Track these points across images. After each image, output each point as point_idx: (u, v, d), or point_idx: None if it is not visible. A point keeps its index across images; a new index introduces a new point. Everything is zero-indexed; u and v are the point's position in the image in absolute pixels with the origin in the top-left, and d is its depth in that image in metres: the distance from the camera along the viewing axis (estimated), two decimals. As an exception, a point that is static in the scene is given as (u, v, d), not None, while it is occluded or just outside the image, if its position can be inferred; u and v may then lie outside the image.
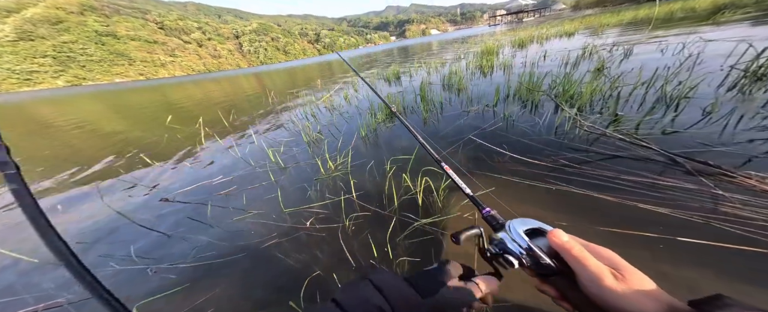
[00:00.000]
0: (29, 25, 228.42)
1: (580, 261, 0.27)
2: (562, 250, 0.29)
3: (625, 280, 0.25)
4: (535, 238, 0.32)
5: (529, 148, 1.64)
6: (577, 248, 0.28)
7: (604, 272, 0.26)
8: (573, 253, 0.28)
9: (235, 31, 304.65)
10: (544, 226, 0.33)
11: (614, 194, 1.14)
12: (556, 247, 0.29)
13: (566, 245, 0.29)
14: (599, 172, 1.30)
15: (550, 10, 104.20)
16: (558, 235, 0.30)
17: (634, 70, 2.82)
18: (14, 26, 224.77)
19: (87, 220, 1.70)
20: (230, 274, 1.15)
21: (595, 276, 0.26)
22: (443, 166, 0.56)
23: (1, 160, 0.33)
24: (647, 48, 4.03)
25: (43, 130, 5.91)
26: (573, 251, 0.28)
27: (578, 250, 0.28)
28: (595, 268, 0.26)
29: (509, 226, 0.33)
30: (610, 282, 0.25)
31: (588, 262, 0.27)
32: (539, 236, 0.32)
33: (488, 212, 0.39)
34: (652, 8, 12.23)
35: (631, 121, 1.75)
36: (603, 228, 1.01)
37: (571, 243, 0.29)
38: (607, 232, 0.99)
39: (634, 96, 2.17)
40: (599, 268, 0.26)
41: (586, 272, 0.26)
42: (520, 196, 1.25)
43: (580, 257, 0.27)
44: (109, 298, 0.29)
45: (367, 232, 1.24)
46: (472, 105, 2.73)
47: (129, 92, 19.91)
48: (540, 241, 0.31)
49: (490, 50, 5.87)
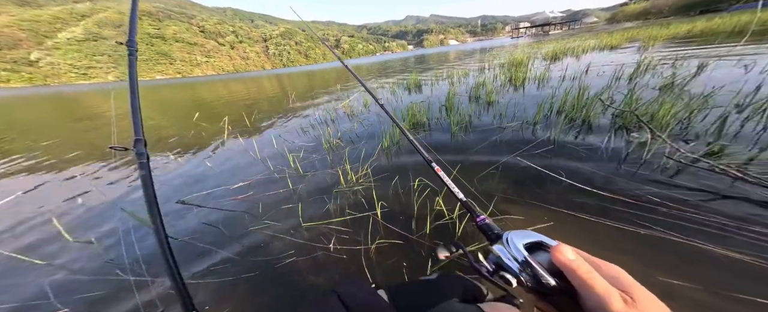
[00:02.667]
0: (96, 27, 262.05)
1: (587, 283, 0.25)
2: (568, 269, 0.26)
3: (635, 305, 0.23)
4: (536, 252, 0.29)
5: (592, 176, 1.39)
6: (585, 268, 0.26)
7: (613, 295, 0.24)
8: (579, 273, 0.25)
9: (264, 35, 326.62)
10: (546, 240, 0.30)
11: (740, 250, 0.88)
12: (560, 265, 0.27)
13: (573, 264, 0.26)
14: (707, 217, 1.03)
15: (581, 23, 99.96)
16: (564, 252, 0.27)
17: (716, 88, 2.37)
18: (84, 28, 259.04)
19: (95, 217, 1.70)
20: (242, 294, 1.03)
21: (604, 300, 0.24)
22: (434, 167, 0.53)
23: (139, 151, 0.47)
24: (724, 63, 3.52)
25: (92, 118, 6.48)
26: (579, 271, 0.25)
27: (586, 270, 0.25)
28: (603, 290, 0.24)
29: (507, 239, 0.30)
30: (618, 306, 0.23)
31: (596, 283, 0.24)
32: (540, 251, 0.29)
33: (483, 220, 0.36)
34: (710, 21, 11.08)
35: (736, 153, 1.39)
36: (735, 294, 0.76)
37: (578, 262, 0.26)
38: (743, 300, 0.74)
39: (725, 120, 1.76)
40: (607, 291, 0.24)
41: (594, 295, 0.24)
42: (592, 238, 1.02)
43: (588, 279, 0.25)
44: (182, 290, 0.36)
45: (394, 259, 1.08)
46: (507, 120, 2.49)
47: (167, 88, 21.69)
48: (541, 256, 0.28)
49: (519, 62, 5.58)
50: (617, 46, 7.49)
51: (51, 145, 3.96)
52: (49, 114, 8.76)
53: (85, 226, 1.62)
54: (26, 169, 2.92)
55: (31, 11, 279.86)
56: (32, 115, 8.60)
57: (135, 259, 1.21)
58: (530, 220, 1.14)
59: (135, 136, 0.51)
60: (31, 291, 1.15)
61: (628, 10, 60.14)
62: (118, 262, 1.24)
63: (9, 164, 3.15)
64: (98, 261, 1.29)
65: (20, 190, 2.32)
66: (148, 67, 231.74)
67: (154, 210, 0.42)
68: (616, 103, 2.28)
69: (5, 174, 2.82)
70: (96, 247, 1.39)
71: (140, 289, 1.06)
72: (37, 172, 2.76)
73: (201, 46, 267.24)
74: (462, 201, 0.43)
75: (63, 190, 2.24)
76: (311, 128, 3.26)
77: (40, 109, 11.04)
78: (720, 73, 3.08)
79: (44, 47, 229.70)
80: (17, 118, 8.28)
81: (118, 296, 1.06)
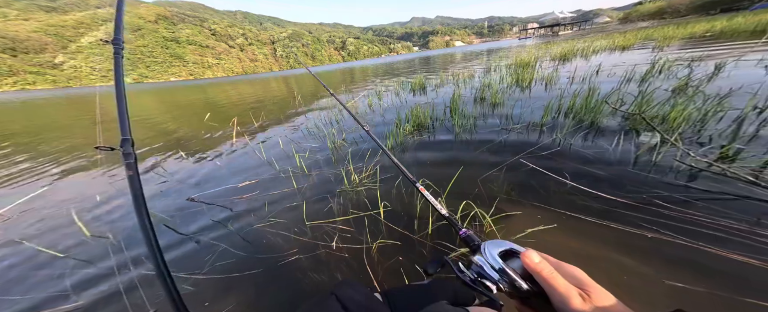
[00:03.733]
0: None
1: (549, 282, 0.27)
2: (534, 272, 0.29)
3: (591, 300, 0.26)
4: (510, 259, 0.32)
5: (598, 179, 1.36)
6: (547, 270, 0.28)
7: (572, 293, 0.26)
8: (543, 275, 0.28)
9: (272, 38, 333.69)
10: (516, 248, 0.32)
11: (749, 254, 0.85)
12: (528, 269, 0.29)
13: (537, 267, 0.29)
14: (715, 221, 0.99)
15: (592, 23, 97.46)
16: (530, 256, 0.30)
17: (734, 90, 2.27)
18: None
19: (109, 214, 1.77)
20: (245, 291, 1.06)
21: (564, 297, 0.26)
22: (418, 187, 0.56)
23: (126, 151, 0.46)
24: (744, 64, 3.36)
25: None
26: (543, 273, 0.28)
27: (548, 272, 0.28)
28: (563, 289, 0.27)
29: (484, 249, 0.32)
30: (577, 303, 0.26)
31: (557, 282, 0.27)
32: (514, 258, 0.32)
33: (465, 233, 0.38)
34: (731, 20, 10.57)
35: (751, 158, 1.34)
36: (742, 298, 0.74)
37: (541, 265, 0.29)
38: (751, 304, 0.72)
39: (741, 123, 1.67)
40: (567, 289, 0.27)
41: (556, 294, 0.27)
42: (596, 242, 1.00)
43: (550, 279, 0.28)
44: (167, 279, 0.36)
45: (396, 258, 1.09)
46: (512, 122, 2.47)
47: (179, 89, 22.43)
48: (515, 263, 0.31)
49: (526, 63, 5.50)
50: (630, 47, 7.27)
51: (77, 143, 4.17)
52: (71, 115, 9.22)
53: (100, 221, 1.71)
54: (51, 165, 3.08)
55: (58, 17, 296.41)
56: (56, 116, 9.08)
57: (134, 258, 1.27)
58: (533, 221, 1.12)
59: (122, 136, 0.50)
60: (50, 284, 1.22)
61: (643, 9, 57.93)
62: (119, 264, 1.30)
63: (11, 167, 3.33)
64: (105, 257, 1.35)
65: (38, 188, 2.45)
66: (163, 69, 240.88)
67: (141, 209, 0.41)
68: (625, 106, 2.22)
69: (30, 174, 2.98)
70: (106, 243, 1.46)
71: (130, 289, 1.09)
72: (51, 173, 2.91)
73: (212, 49, 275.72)
74: (446, 216, 0.45)
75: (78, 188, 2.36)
76: (316, 129, 3.31)
77: (63, 110, 11.62)
78: (739, 73, 2.95)
79: (68, 51, 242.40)
80: (38, 122, 8.76)
81: (115, 295, 1.10)
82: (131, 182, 0.43)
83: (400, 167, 0.61)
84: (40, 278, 1.24)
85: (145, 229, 0.40)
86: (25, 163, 3.25)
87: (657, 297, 0.78)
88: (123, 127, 0.50)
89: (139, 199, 0.42)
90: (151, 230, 0.40)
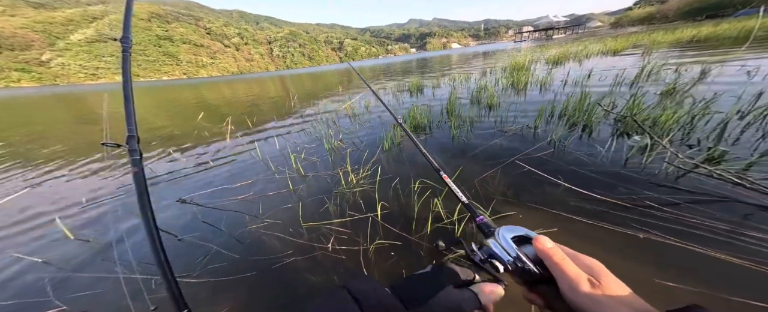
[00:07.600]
0: (107, 29, 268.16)
1: (559, 266, 0.28)
2: (545, 256, 0.29)
3: (601, 287, 0.26)
4: (523, 245, 0.32)
5: (591, 181, 1.39)
6: (559, 255, 0.28)
7: (581, 278, 0.26)
8: (555, 260, 0.28)
9: (268, 37, 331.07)
10: (530, 234, 0.33)
11: (736, 254, 0.87)
12: (539, 253, 0.30)
13: (549, 252, 0.29)
14: (704, 221, 1.02)
15: (584, 27, 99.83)
16: (542, 241, 0.30)
17: (718, 95, 2.34)
18: (96, 30, 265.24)
19: (101, 217, 1.72)
20: (239, 293, 1.03)
21: (574, 282, 0.26)
22: (442, 175, 0.57)
23: (131, 148, 0.46)
24: (727, 70, 3.51)
25: (99, 119, 6.60)
26: (554, 258, 0.28)
27: (560, 257, 0.28)
28: (573, 274, 0.27)
29: (498, 233, 0.34)
30: (586, 288, 0.26)
31: (567, 267, 0.27)
32: (526, 243, 0.32)
33: (482, 220, 0.41)
34: (717, 26, 10.96)
35: (736, 160, 1.39)
36: (730, 297, 0.75)
37: (554, 250, 0.29)
38: (739, 303, 0.74)
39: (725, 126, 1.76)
40: (577, 275, 0.27)
41: (566, 278, 0.27)
42: (592, 242, 1.02)
43: (560, 263, 0.28)
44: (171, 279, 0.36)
45: (393, 259, 1.08)
46: (508, 124, 2.50)
47: (172, 89, 22.02)
48: (526, 248, 0.32)
49: (521, 65, 5.58)
50: (621, 51, 7.46)
51: (73, 146, 4.04)
52: (64, 115, 8.94)
53: (84, 224, 1.65)
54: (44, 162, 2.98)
55: (46, 13, 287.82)
56: (48, 116, 8.79)
57: (130, 258, 1.23)
58: (528, 222, 1.14)
59: (128, 133, 0.49)
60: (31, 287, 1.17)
61: (633, 14, 59.84)
62: (121, 261, 1.26)
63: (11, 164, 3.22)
64: (96, 259, 1.31)
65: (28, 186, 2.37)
66: (155, 68, 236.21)
67: (145, 208, 0.41)
68: (617, 109, 2.27)
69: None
70: (93, 245, 1.42)
71: (132, 288, 1.07)
72: (48, 170, 2.82)
73: (207, 48, 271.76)
74: (465, 203, 0.47)
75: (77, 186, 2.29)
76: (313, 130, 3.29)
77: (54, 110, 11.27)
78: (723, 78, 3.06)
79: (56, 48, 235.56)
80: (34, 118, 8.47)
81: (113, 295, 1.07)
82: (136, 179, 0.42)
83: (428, 156, 0.64)
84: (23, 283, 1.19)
85: (149, 225, 0.40)
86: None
87: (648, 296, 0.79)
88: (129, 124, 0.50)
89: (143, 196, 0.41)
90: (155, 227, 0.40)
